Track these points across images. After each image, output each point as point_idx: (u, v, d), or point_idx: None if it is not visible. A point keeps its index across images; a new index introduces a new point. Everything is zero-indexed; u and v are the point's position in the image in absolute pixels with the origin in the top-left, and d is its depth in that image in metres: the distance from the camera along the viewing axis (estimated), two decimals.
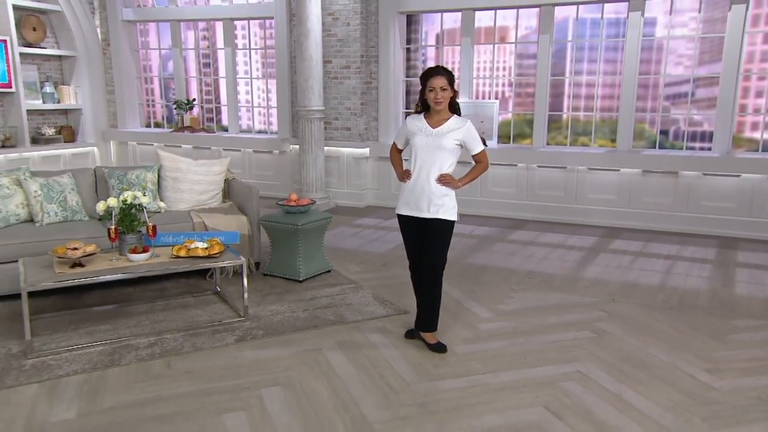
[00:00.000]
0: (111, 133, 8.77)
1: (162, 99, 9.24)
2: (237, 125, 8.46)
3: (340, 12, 7.09)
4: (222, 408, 2.80)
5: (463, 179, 3.41)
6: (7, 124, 7.74)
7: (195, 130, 8.43)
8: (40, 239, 4.08)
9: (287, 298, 4.25)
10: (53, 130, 8.28)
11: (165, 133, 8.63)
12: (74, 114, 8.56)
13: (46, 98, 8.13)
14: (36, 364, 3.21)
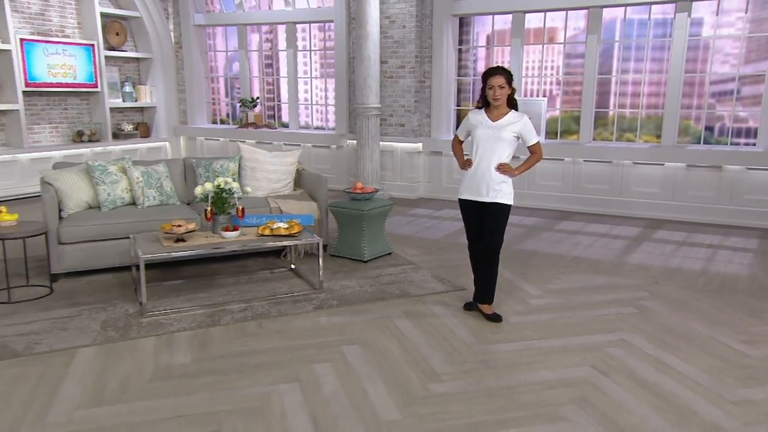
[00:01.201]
0: (181, 129, 9.43)
1: (227, 97, 9.87)
2: (297, 122, 8.99)
3: (397, 15, 7.52)
4: (311, 360, 3.25)
5: (519, 168, 3.78)
6: (93, 120, 8.47)
7: (258, 126, 9.00)
8: (141, 219, 4.64)
9: (355, 275, 4.70)
10: (131, 126, 8.99)
11: (230, 129, 9.24)
12: (149, 111, 9.25)
13: (125, 97, 8.84)
14: (150, 322, 3.74)
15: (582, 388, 2.94)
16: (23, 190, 7.46)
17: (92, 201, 4.72)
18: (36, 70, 7.53)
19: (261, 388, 2.94)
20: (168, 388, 2.95)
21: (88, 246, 4.47)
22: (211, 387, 2.95)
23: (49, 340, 3.46)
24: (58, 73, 7.77)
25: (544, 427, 2.60)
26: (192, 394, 2.89)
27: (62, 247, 4.39)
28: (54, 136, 8.11)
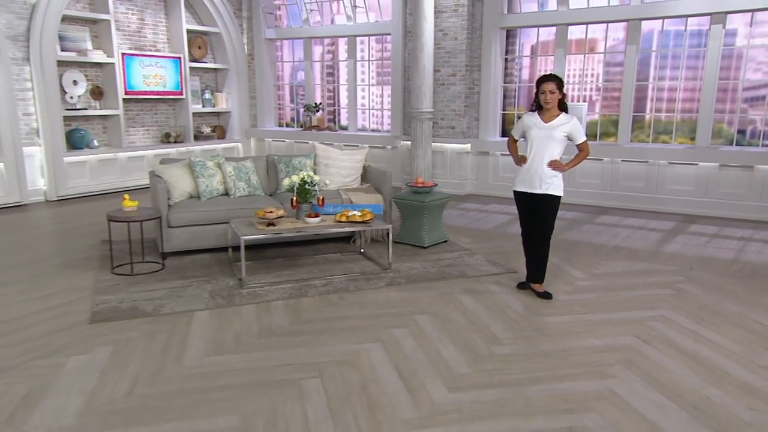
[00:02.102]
0: (252, 131, 9.92)
1: (291, 103, 10.32)
2: (356, 125, 9.36)
3: (449, 28, 7.80)
4: (388, 325, 3.59)
5: (569, 164, 4.03)
6: (178, 124, 9.02)
7: (320, 128, 9.41)
8: (233, 207, 5.05)
9: (417, 258, 5.02)
10: (209, 128, 9.52)
11: (295, 131, 9.68)
12: (225, 116, 9.76)
13: (205, 103, 9.37)
14: (249, 293, 4.14)
15: (627, 353, 3.18)
16: (122, 184, 8.05)
17: (193, 191, 5.16)
18: (133, 80, 8.10)
19: (350, 346, 3.28)
20: (273, 344, 3.32)
21: (190, 229, 4.92)
22: (308, 344, 3.32)
23: (171, 304, 3.90)
24: (151, 82, 8.34)
25: (595, 382, 2.87)
26: (293, 348, 3.26)
27: (171, 230, 4.85)
28: (146, 137, 8.69)
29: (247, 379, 2.91)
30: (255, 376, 2.94)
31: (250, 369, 3.01)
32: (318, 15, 9.39)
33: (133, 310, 3.79)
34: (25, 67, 6.96)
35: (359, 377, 2.93)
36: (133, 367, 3.02)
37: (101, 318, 3.64)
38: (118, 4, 8.00)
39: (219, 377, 2.93)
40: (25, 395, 2.72)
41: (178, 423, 2.52)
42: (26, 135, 7.05)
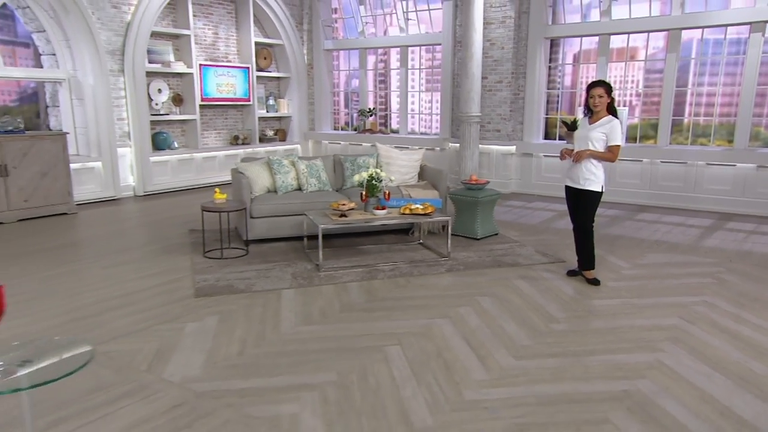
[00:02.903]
0: (310, 134, 10.31)
1: (345, 108, 10.68)
2: (406, 128, 9.64)
3: (497, 39, 7.99)
4: (453, 305, 3.84)
5: (589, 151, 4.09)
6: (245, 127, 9.48)
7: (373, 131, 9.73)
8: (306, 201, 5.38)
9: (471, 249, 5.25)
10: (272, 131, 9.95)
11: (350, 134, 10.02)
12: (286, 120, 10.19)
13: (269, 108, 9.80)
14: (326, 275, 4.46)
15: (673, 332, 3.36)
16: (198, 181, 8.54)
17: (271, 186, 5.53)
18: (209, 88, 8.59)
19: (421, 321, 3.56)
20: (354, 317, 3.63)
21: (269, 220, 5.28)
22: (384, 318, 3.61)
23: (260, 283, 4.25)
24: (224, 90, 8.81)
25: (645, 355, 3.06)
26: (372, 321, 3.55)
27: (252, 220, 5.22)
28: (217, 139, 9.17)
29: (336, 344, 3.22)
30: (343, 342, 3.24)
31: (338, 337, 3.32)
32: (372, 27, 9.71)
33: (229, 287, 4.16)
34: (120, 77, 7.50)
35: (434, 346, 3.20)
36: (239, 332, 3.37)
37: (204, 293, 4.02)
38: (196, 20, 8.49)
39: (312, 342, 3.24)
40: (157, 352, 3.10)
41: (286, 377, 2.84)
42: (119, 137, 7.59)
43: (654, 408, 2.53)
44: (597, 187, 4.17)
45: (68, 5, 6.78)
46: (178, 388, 2.73)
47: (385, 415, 2.50)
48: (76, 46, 7.04)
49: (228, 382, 2.79)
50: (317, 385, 2.75)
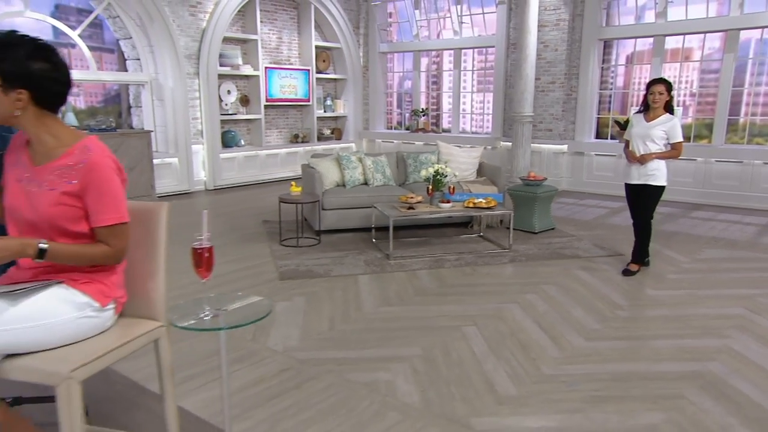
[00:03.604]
0: (364, 133, 10.59)
1: (398, 108, 10.90)
2: (458, 128, 9.80)
3: (550, 41, 8.05)
4: (520, 291, 4.00)
5: (656, 153, 4.18)
6: (304, 126, 9.83)
7: (426, 131, 9.92)
8: (372, 195, 5.62)
9: (530, 242, 5.38)
10: (329, 130, 10.28)
11: (403, 133, 10.24)
12: (342, 119, 10.49)
13: (326, 109, 10.12)
14: (396, 263, 4.68)
15: (739, 320, 3.43)
16: (262, 177, 8.93)
17: (339, 181, 5.80)
18: (273, 89, 8.96)
19: (492, 305, 3.74)
20: (428, 300, 3.84)
21: (338, 212, 5.54)
22: (456, 302, 3.80)
23: (337, 269, 4.52)
24: (286, 91, 9.17)
25: (713, 340, 3.16)
26: (445, 305, 3.75)
27: (324, 211, 5.50)
28: (279, 138, 9.55)
29: (416, 324, 3.43)
30: (422, 322, 3.46)
31: (417, 317, 3.54)
32: (426, 30, 9.90)
33: (309, 272, 4.43)
34: (195, 80, 7.93)
35: (507, 327, 3.37)
36: (326, 311, 3.63)
37: (287, 276, 4.31)
38: (262, 25, 8.87)
39: (394, 321, 3.47)
40: (257, 325, 3.38)
41: (375, 349, 3.08)
42: (193, 135, 8.03)
43: (726, 387, 2.65)
44: (661, 182, 4.24)
45: (153, 14, 7.24)
46: (282, 355, 3.00)
47: (471, 384, 2.70)
48: (159, 51, 7.51)
49: (324, 352, 3.05)
50: (405, 358, 2.98)
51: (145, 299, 1.74)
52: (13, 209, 1.54)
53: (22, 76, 1.47)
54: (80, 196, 1.52)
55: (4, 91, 1.47)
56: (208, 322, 1.61)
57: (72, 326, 1.51)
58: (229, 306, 1.70)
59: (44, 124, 1.55)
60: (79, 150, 1.55)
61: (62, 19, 7.31)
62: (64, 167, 1.53)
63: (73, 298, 1.52)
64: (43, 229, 1.52)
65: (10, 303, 1.42)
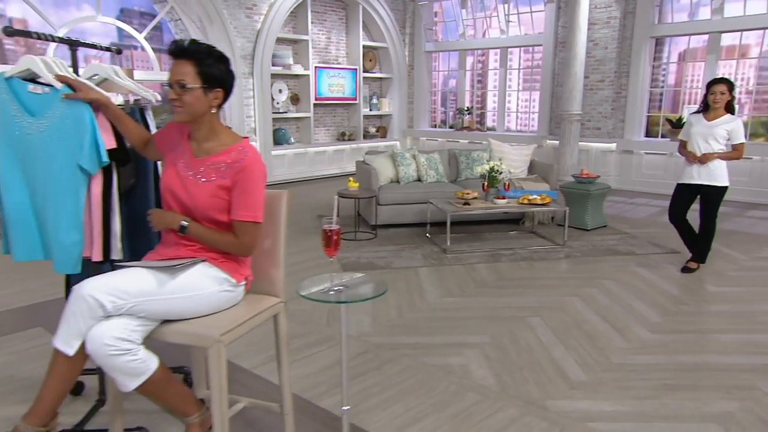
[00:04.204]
0: (408, 131, 10.74)
1: (442, 107, 11.01)
2: (503, 126, 9.84)
3: (600, 39, 8.03)
4: (579, 285, 4.08)
5: (717, 153, 4.17)
6: (350, 124, 10.05)
7: (470, 129, 10.00)
8: (426, 191, 5.75)
9: (583, 238, 5.43)
10: (374, 129, 10.47)
11: (447, 131, 10.35)
12: (386, 118, 10.67)
13: (372, 107, 10.32)
14: (454, 257, 4.82)
15: None
16: (310, 174, 9.19)
17: (394, 177, 5.96)
18: (322, 88, 9.20)
19: (552, 298, 3.83)
20: (489, 292, 3.96)
21: (394, 207, 5.71)
22: (517, 294, 3.91)
23: (396, 261, 4.68)
24: (334, 90, 9.40)
25: None
26: (507, 296, 3.87)
27: (380, 207, 5.68)
28: (326, 136, 9.79)
29: (481, 313, 3.56)
30: (486, 312, 3.59)
31: (480, 308, 3.67)
32: (471, 29, 9.98)
33: (371, 264, 4.61)
34: (249, 79, 8.24)
35: (571, 318, 3.47)
36: (392, 300, 3.80)
37: (349, 268, 4.50)
38: (313, 26, 9.11)
39: (459, 311, 3.61)
40: (329, 311, 3.58)
41: (444, 336, 3.22)
42: (247, 133, 8.33)
43: None
44: (724, 182, 4.24)
45: (213, 16, 7.56)
46: (357, 340, 3.18)
47: (542, 370, 2.82)
48: None
49: (396, 337, 3.21)
50: (475, 344, 3.11)
51: (267, 278, 1.94)
52: (171, 189, 1.76)
53: (220, 79, 1.70)
54: (229, 190, 1.73)
55: (205, 92, 1.70)
56: (332, 296, 1.79)
57: (214, 298, 1.71)
58: (350, 284, 1.87)
59: (215, 123, 1.78)
60: (236, 150, 1.76)
61: (126, 22, 7.69)
62: (222, 163, 1.74)
63: (215, 275, 1.72)
64: (194, 212, 1.73)
65: (169, 276, 1.63)
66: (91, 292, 1.49)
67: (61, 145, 1.78)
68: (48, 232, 1.82)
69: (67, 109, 1.79)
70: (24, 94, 1.80)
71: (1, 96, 1.78)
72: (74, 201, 1.78)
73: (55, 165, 1.78)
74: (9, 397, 2.53)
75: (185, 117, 1.74)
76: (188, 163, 1.77)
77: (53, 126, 1.79)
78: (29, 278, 4.15)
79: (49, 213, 1.80)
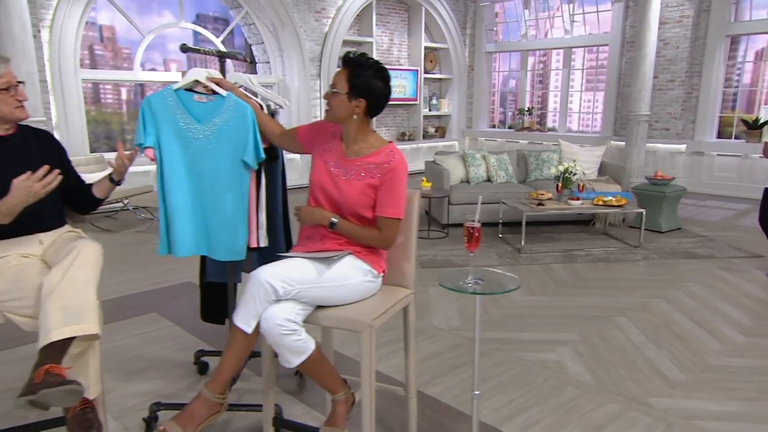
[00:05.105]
0: (467, 132, 10.80)
1: (501, 107, 11.01)
2: (565, 126, 9.77)
3: (671, 38, 7.87)
4: (662, 287, 4.07)
5: None
6: (410, 125, 10.19)
7: (531, 129, 9.97)
8: (496, 191, 5.82)
9: (658, 241, 5.37)
10: (433, 129, 10.58)
11: (506, 131, 10.35)
12: (445, 118, 10.76)
13: (431, 107, 10.43)
14: (528, 257, 4.88)
15: None
16: None
17: (464, 177, 6.06)
18: None
19: (636, 299, 3.85)
20: (570, 292, 4.01)
21: (464, 207, 5.81)
22: (599, 294, 3.95)
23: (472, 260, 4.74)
24: (396, 91, 9.57)
25: None
26: (589, 297, 3.91)
27: (450, 206, 5.79)
28: (387, 135, 9.96)
29: (566, 312, 3.63)
30: (571, 311, 3.65)
31: (564, 307, 3.73)
32: (533, 30, 9.94)
33: (447, 261, 4.74)
34: (317, 81, 8.51)
35: (659, 319, 3.49)
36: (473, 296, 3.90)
37: (428, 265, 4.64)
38: (376, 28, 9.31)
39: (543, 309, 3.68)
40: (420, 307, 3.73)
41: (534, 333, 3.31)
42: None
43: None
44: None
45: (284, 20, 7.86)
46: (448, 333, 3.31)
47: (638, 368, 2.87)
48: (287, 55, 8.13)
49: (486, 333, 3.32)
50: (566, 342, 3.19)
51: (399, 271, 2.10)
52: (320, 185, 1.95)
53: (366, 90, 1.87)
54: (377, 189, 1.90)
55: (349, 99, 1.88)
56: (469, 288, 1.94)
57: (361, 288, 1.88)
58: (486, 277, 2.01)
59: (363, 127, 1.95)
60: (385, 153, 1.94)
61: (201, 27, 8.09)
62: (372, 164, 1.91)
63: (361, 266, 1.89)
64: (343, 207, 1.91)
65: (326, 266, 1.81)
66: (267, 278, 1.68)
67: (228, 144, 2.00)
68: (213, 226, 2.04)
69: (233, 112, 2.00)
70: (190, 103, 2.02)
71: (172, 107, 2.00)
72: (240, 194, 2.01)
73: (223, 162, 2.00)
74: (143, 374, 2.80)
75: (330, 117, 1.93)
76: (339, 162, 1.95)
77: (219, 129, 2.00)
78: (129, 269, 4.50)
79: (217, 207, 2.02)
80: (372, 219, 1.94)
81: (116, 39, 8.16)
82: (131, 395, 2.57)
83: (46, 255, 1.93)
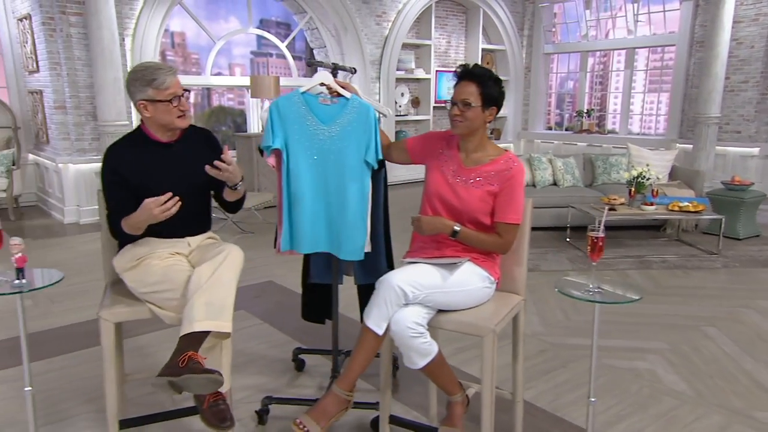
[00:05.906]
0: (523, 134, 10.68)
1: (557, 109, 10.84)
2: (626, 129, 9.54)
3: (745, 38, 7.57)
4: (748, 297, 3.94)
5: None
6: None
7: (590, 132, 9.77)
8: (563, 195, 5.75)
9: (737, 248, 5.19)
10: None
11: (563, 134, 10.18)
12: (501, 120, 10.67)
13: None
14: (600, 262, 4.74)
15: None
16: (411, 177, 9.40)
17: (529, 181, 6.00)
18: (441, 91, 9.41)
19: (723, 308, 3.74)
20: (651, 299, 3.91)
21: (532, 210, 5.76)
22: (683, 303, 3.86)
23: (543, 264, 4.76)
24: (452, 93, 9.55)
25: None
26: (672, 305, 3.83)
27: None
28: None
29: (650, 320, 3.57)
30: (656, 319, 3.59)
31: (647, 314, 3.67)
32: (594, 30, 9.75)
33: None
34: (376, 84, 8.61)
35: (749, 330, 3.39)
36: (552, 302, 3.89)
37: None
38: (434, 31, 9.34)
39: (626, 317, 3.62)
40: None
41: (621, 340, 3.28)
42: None
43: None
44: None
45: (347, 24, 8.00)
46: (534, 339, 3.32)
47: (737, 380, 2.80)
48: (349, 58, 8.26)
49: (570, 338, 3.31)
50: (655, 350, 3.15)
51: (510, 276, 2.14)
52: (439, 194, 2.01)
53: (496, 99, 1.94)
54: (496, 195, 1.95)
55: (483, 110, 1.94)
56: (589, 295, 1.97)
57: (479, 293, 1.94)
58: (606, 286, 2.03)
59: (483, 136, 2.01)
60: (503, 160, 1.99)
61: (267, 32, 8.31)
62: (491, 172, 1.97)
63: (479, 272, 1.95)
64: (462, 215, 1.97)
65: (449, 272, 1.87)
66: (398, 282, 1.76)
67: (352, 144, 2.09)
68: (336, 225, 2.13)
69: (357, 113, 2.10)
70: (316, 105, 2.13)
71: (299, 109, 2.11)
72: (362, 195, 2.11)
73: (348, 161, 2.10)
74: (244, 369, 2.93)
75: (463, 130, 1.98)
76: (457, 170, 2.01)
77: (343, 129, 2.10)
78: None
79: (341, 206, 2.12)
80: (489, 225, 1.99)
81: (186, 44, 8.50)
82: (237, 389, 2.69)
83: (191, 256, 2.06)
